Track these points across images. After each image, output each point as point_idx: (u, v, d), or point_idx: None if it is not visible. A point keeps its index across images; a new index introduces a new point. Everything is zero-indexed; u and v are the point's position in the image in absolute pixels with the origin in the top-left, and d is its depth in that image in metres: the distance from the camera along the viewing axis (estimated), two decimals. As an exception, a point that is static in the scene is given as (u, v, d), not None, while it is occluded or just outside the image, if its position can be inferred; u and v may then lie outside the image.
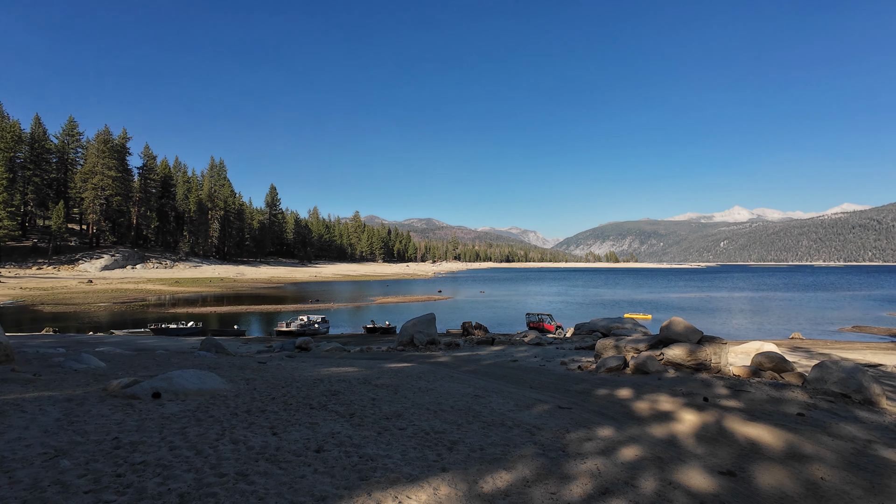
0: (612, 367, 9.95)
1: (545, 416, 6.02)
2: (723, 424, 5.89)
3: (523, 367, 11.28)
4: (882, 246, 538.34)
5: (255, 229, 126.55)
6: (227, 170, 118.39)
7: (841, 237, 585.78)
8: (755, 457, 4.90)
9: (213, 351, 14.26)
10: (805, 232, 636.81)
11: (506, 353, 15.39)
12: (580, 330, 25.53)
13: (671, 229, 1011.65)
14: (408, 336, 18.41)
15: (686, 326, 10.53)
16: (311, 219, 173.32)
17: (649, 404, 6.89)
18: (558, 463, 4.29)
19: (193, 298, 54.45)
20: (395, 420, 5.41)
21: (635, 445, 4.96)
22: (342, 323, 38.01)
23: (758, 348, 16.49)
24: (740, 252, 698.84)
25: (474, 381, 8.64)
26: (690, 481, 4.12)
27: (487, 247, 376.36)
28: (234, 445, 4.14)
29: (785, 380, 9.43)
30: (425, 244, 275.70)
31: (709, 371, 9.57)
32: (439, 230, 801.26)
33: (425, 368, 9.97)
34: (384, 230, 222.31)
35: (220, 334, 28.97)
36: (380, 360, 12.25)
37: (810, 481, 4.33)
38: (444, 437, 4.88)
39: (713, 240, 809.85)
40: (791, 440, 5.36)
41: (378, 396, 6.62)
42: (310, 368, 9.35)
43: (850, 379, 7.87)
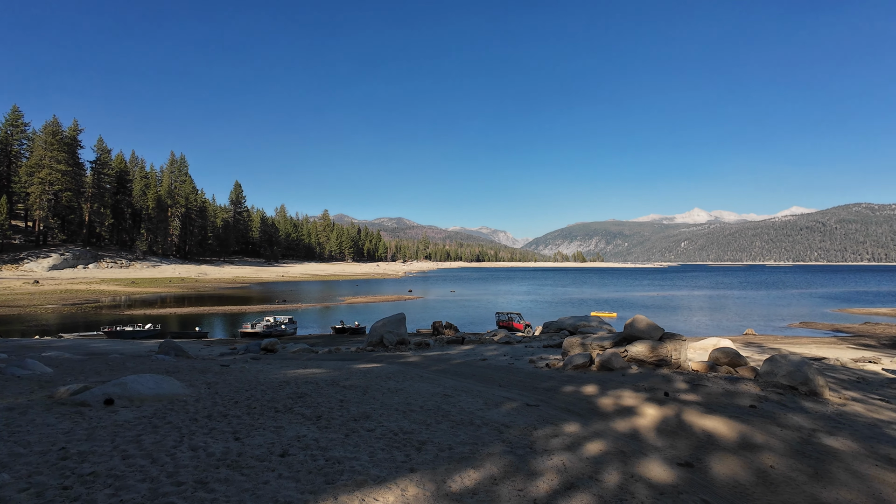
0: (579, 364, 10.18)
1: (513, 413, 6.09)
2: (682, 418, 6.12)
3: (493, 366, 11.39)
4: (826, 247, 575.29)
5: (219, 228, 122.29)
6: (188, 165, 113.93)
7: (790, 238, 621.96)
8: (711, 448, 5.13)
9: (172, 354, 13.67)
10: (758, 233, 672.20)
11: (475, 352, 15.49)
12: (548, 328, 26.01)
13: (635, 230, 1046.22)
14: (377, 336, 18.24)
15: (648, 324, 10.89)
16: (279, 217, 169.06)
17: (613, 400, 7.09)
18: (525, 460, 4.34)
19: (152, 299, 52.09)
20: (363, 421, 5.34)
21: (600, 440, 5.09)
22: (310, 324, 37.28)
23: (714, 344, 17.25)
24: (699, 252, 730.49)
25: (444, 380, 8.65)
26: (651, 473, 4.27)
27: (458, 246, 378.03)
28: (193, 452, 3.97)
29: (739, 374, 9.91)
30: (396, 244, 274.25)
31: (669, 367, 9.94)
32: (410, 230, 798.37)
33: (395, 369, 9.91)
34: (354, 229, 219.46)
35: (181, 337, 27.83)
36: (348, 361, 12.08)
37: (761, 469, 4.57)
38: (412, 437, 4.85)
39: (674, 240, 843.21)
40: (744, 431, 5.64)
41: (346, 398, 6.52)
42: (275, 371, 9.11)
43: (797, 372, 8.36)
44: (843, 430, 5.95)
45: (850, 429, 6.08)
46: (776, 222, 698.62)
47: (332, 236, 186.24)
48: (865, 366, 16.96)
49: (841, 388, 9.76)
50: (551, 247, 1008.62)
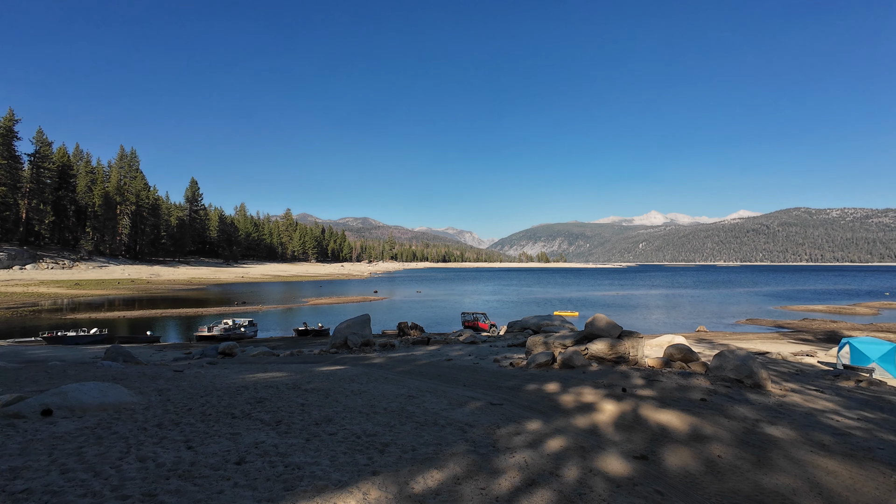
0: (542, 362, 10.38)
1: (477, 413, 6.14)
2: (638, 412, 6.36)
3: (457, 366, 11.43)
4: (770, 248, 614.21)
5: (174, 226, 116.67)
6: (139, 161, 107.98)
7: (738, 240, 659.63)
8: (665, 440, 5.35)
9: (119, 360, 12.91)
10: (710, 235, 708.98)
11: (441, 353, 15.50)
12: (513, 328, 26.39)
13: (596, 231, 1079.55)
14: (341, 338, 17.94)
15: (608, 322, 11.26)
16: (238, 216, 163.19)
17: (574, 397, 7.28)
18: (488, 458, 4.38)
19: (98, 302, 49.03)
20: (325, 425, 5.23)
21: (561, 437, 5.21)
22: (272, 326, 36.19)
23: (669, 341, 18.04)
24: (656, 253, 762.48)
25: (409, 381, 8.60)
26: (608, 467, 4.41)
27: (424, 247, 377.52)
28: (141, 463, 3.76)
29: (691, 369, 10.40)
30: (361, 244, 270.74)
31: (627, 363, 10.31)
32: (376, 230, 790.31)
33: (359, 371, 9.77)
34: (318, 229, 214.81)
35: (130, 341, 26.34)
36: (311, 364, 11.81)
37: (709, 459, 4.81)
38: (376, 439, 4.80)
39: (633, 241, 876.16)
40: (695, 423, 5.92)
41: (308, 402, 6.37)
42: (233, 375, 8.78)
43: (743, 366, 8.87)
44: (783, 420, 6.36)
45: (789, 418, 6.51)
46: (725, 225, 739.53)
47: (295, 236, 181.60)
48: (803, 359, 18.22)
49: (782, 380, 10.44)
50: (516, 247, 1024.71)
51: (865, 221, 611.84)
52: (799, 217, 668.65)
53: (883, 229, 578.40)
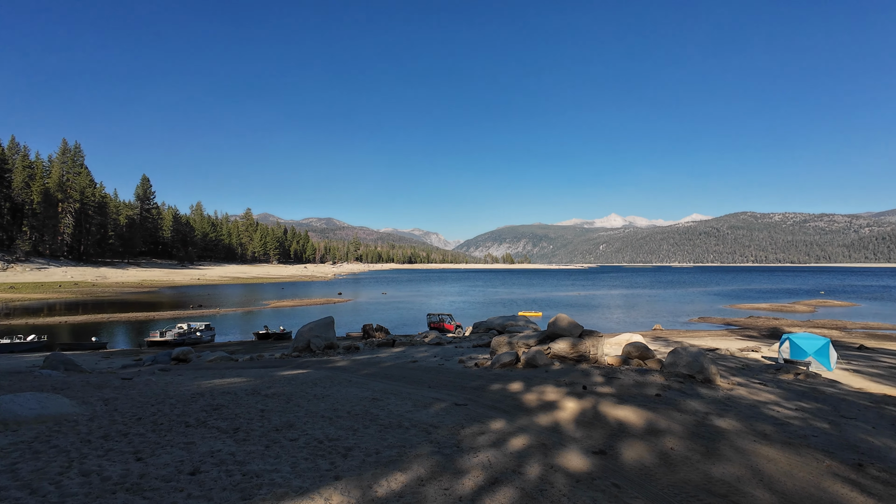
0: (506, 362, 10.53)
1: (442, 414, 6.15)
2: (598, 409, 6.57)
3: (423, 368, 11.41)
4: (720, 250, 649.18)
5: (123, 226, 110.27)
6: (84, 156, 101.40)
7: (691, 242, 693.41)
8: (622, 435, 5.55)
9: (61, 369, 12.08)
10: (665, 237, 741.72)
11: (406, 354, 15.44)
12: (478, 328, 26.62)
13: (559, 233, 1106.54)
14: (304, 341, 17.52)
15: (569, 322, 11.56)
16: (194, 215, 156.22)
17: (537, 395, 7.42)
18: (452, 459, 4.40)
19: (36, 307, 45.64)
20: (286, 431, 5.10)
21: (523, 435, 5.30)
22: (230, 330, 34.85)
23: (627, 339, 18.71)
24: (616, 254, 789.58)
25: (373, 384, 8.51)
26: (569, 463, 4.53)
27: (390, 248, 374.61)
28: (84, 478, 3.54)
29: (648, 366, 10.85)
30: (325, 245, 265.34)
31: (588, 362, 10.63)
32: (340, 230, 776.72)
33: (322, 374, 9.58)
34: (280, 229, 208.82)
35: (73, 349, 24.66)
36: (272, 368, 11.46)
37: (663, 452, 5.03)
38: (338, 444, 4.72)
39: (594, 243, 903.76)
40: (650, 418, 6.18)
41: (268, 407, 6.18)
42: (188, 382, 8.40)
43: (695, 362, 9.33)
44: (730, 412, 6.74)
45: (736, 410, 6.90)
46: (680, 228, 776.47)
47: (256, 236, 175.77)
48: (749, 354, 19.36)
49: (730, 374, 11.06)
50: (482, 249, 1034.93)
51: (804, 225, 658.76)
52: (746, 220, 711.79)
53: (819, 233, 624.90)
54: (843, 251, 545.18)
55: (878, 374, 15.88)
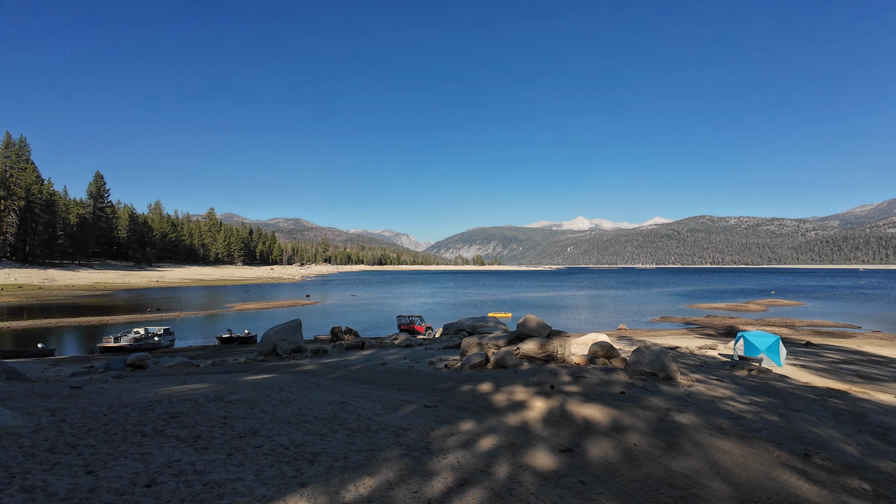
0: (476, 363, 10.59)
1: (411, 416, 6.11)
2: (565, 408, 6.70)
3: (392, 370, 11.32)
4: (681, 252, 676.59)
5: (74, 225, 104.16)
6: (30, 150, 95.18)
7: (654, 245, 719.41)
8: (589, 433, 5.68)
9: (2, 378, 11.25)
10: (630, 240, 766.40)
11: (376, 357, 15.28)
12: (448, 330, 26.67)
13: (529, 235, 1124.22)
14: (270, 345, 17.04)
15: (538, 323, 11.75)
16: (153, 215, 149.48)
17: (506, 396, 7.50)
18: (422, 461, 4.38)
19: (-24, 312, 42.44)
20: (249, 438, 4.93)
21: (493, 435, 5.34)
22: (191, 334, 33.51)
23: (594, 339, 19.18)
24: (582, 256, 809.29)
25: (342, 387, 8.37)
26: (537, 462, 4.59)
27: (360, 249, 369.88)
28: (27, 494, 3.30)
29: (613, 364, 11.15)
30: (292, 246, 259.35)
31: (556, 361, 10.83)
32: (308, 231, 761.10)
33: (288, 378, 9.34)
34: (245, 230, 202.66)
35: (16, 356, 23.07)
36: (236, 373, 11.09)
37: (627, 448, 5.18)
38: (305, 449, 4.61)
39: (562, 245, 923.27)
40: (615, 415, 6.35)
41: (231, 414, 5.97)
42: (144, 389, 8.01)
43: (657, 360, 9.67)
44: (689, 408, 7.01)
45: (695, 406, 7.19)
46: (643, 230, 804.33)
47: (219, 237, 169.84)
48: (707, 352, 20.23)
49: (689, 371, 11.52)
50: (452, 250, 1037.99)
51: (756, 229, 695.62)
52: (704, 224, 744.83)
53: (770, 236, 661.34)
54: (791, 253, 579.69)
55: (822, 368, 16.92)
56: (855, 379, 14.71)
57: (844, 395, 9.15)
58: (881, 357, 20.60)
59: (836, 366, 17.69)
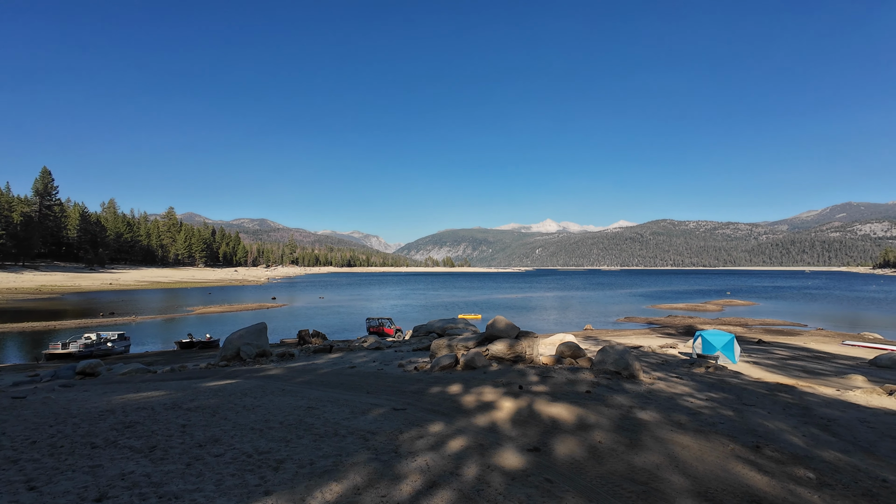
0: (445, 365, 10.60)
1: (380, 419, 6.05)
2: (533, 407, 6.79)
3: (361, 373, 11.18)
4: (643, 254, 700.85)
5: (17, 224, 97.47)
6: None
7: (618, 247, 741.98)
8: (555, 432, 5.78)
9: (-66, 388, 10.39)
10: (596, 242, 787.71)
11: (344, 360, 15.05)
12: (418, 332, 26.59)
13: (498, 237, 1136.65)
14: (233, 349, 16.50)
15: (507, 324, 11.88)
16: (107, 214, 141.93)
17: (475, 397, 7.54)
18: (390, 465, 4.34)
19: None
20: (210, 446, 4.75)
21: (462, 437, 5.35)
22: (149, 339, 31.97)
23: (561, 339, 19.55)
24: (551, 258, 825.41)
25: (308, 392, 8.19)
26: (505, 462, 4.63)
27: (328, 251, 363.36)
28: (-41, 515, 3.06)
29: (579, 364, 11.40)
30: (258, 247, 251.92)
31: (524, 362, 10.97)
32: (274, 232, 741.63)
33: (253, 384, 9.06)
34: (207, 230, 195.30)
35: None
36: (196, 380, 10.66)
37: (592, 445, 5.30)
38: (269, 456, 4.48)
39: (531, 247, 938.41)
40: (580, 414, 6.50)
41: (191, 422, 5.73)
42: (95, 398, 7.58)
43: (621, 359, 9.96)
44: (651, 405, 7.26)
45: (656, 403, 7.45)
46: (608, 233, 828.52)
47: (180, 238, 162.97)
48: (668, 350, 21.00)
49: (651, 369, 11.93)
50: (422, 252, 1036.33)
51: (714, 232, 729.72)
52: (665, 227, 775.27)
53: (726, 239, 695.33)
54: (745, 256, 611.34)
55: (772, 364, 17.87)
56: (801, 374, 15.63)
57: (792, 390, 9.70)
58: (824, 353, 21.99)
59: (784, 362, 18.74)
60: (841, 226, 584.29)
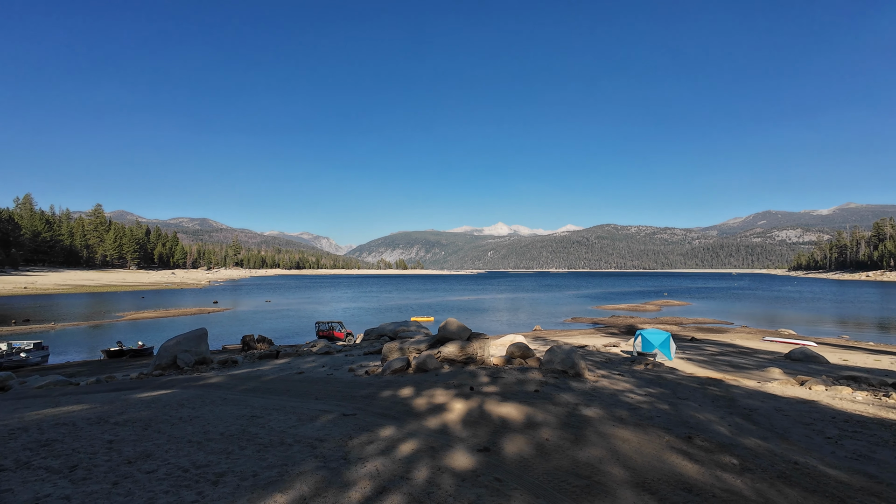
0: (397, 368, 10.51)
1: (329, 426, 5.90)
2: (483, 408, 6.89)
3: (310, 379, 10.85)
4: (589, 257, 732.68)
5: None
6: None
7: (566, 250, 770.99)
8: (505, 431, 5.90)
9: None
10: (545, 245, 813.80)
11: (291, 366, 14.54)
12: (369, 335, 26.21)
13: (451, 240, 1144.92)
14: (169, 357, 15.46)
15: (459, 326, 11.98)
16: (22, 210, 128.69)
17: (427, 399, 7.53)
18: (339, 472, 4.24)
19: None
20: (141, 462, 4.42)
21: (413, 440, 5.32)
22: (71, 348, 29.23)
23: (511, 340, 19.96)
24: (502, 261, 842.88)
25: (253, 400, 7.84)
26: (455, 463, 4.66)
27: (276, 252, 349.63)
28: None
29: (528, 364, 11.71)
30: (198, 248, 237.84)
31: (475, 363, 11.11)
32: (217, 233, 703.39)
33: (191, 393, 8.54)
34: (141, 230, 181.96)
35: None
36: (126, 391, 9.88)
37: (539, 443, 5.46)
38: (208, 470, 4.24)
39: (483, 250, 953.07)
40: (529, 413, 6.67)
41: (119, 437, 5.30)
42: (5, 415, 6.83)
43: (568, 359, 10.33)
44: (595, 402, 7.58)
45: (600, 399, 7.79)
46: (556, 237, 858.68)
47: (109, 237, 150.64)
48: (611, 349, 22.03)
49: (596, 368, 12.47)
50: (375, 254, 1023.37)
51: (653, 237, 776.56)
52: (609, 231, 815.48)
53: (664, 244, 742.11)
54: (681, 259, 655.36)
55: (703, 360, 19.24)
56: (728, 368, 16.95)
57: (720, 383, 10.50)
58: (747, 348, 23.98)
59: (714, 357, 20.24)
60: (762, 232, 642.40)
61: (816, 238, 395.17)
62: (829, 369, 16.53)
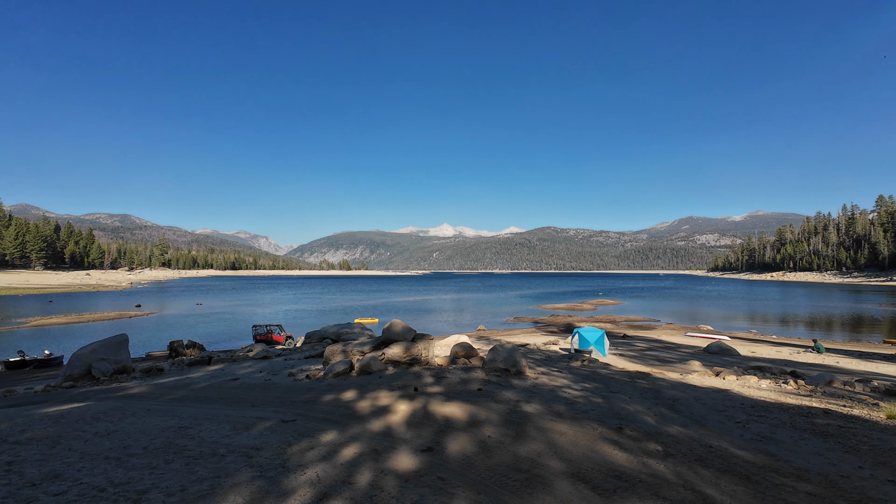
0: (340, 371, 10.28)
1: (266, 433, 5.64)
2: (427, 408, 6.91)
3: (246, 385, 10.32)
4: (531, 258, 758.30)
5: None
6: None
7: (509, 252, 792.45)
8: (449, 430, 5.95)
9: None
10: (489, 247, 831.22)
11: (226, 372, 13.75)
12: (311, 338, 25.41)
13: (396, 240, 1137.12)
14: (82, 366, 14.05)
15: (403, 327, 11.93)
16: None
17: (371, 402, 7.43)
18: (276, 481, 4.08)
19: None
20: (48, 484, 3.98)
21: (355, 444, 5.23)
22: (-40, 359, 25.63)
23: (455, 340, 20.19)
24: (447, 261, 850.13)
25: (181, 410, 7.31)
26: (399, 464, 4.64)
27: (209, 252, 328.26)
28: None
29: (472, 363, 11.90)
30: (118, 247, 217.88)
31: (420, 364, 11.11)
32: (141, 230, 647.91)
33: (108, 406, 7.80)
34: (49, 226, 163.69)
35: None
36: (30, 406, 8.84)
37: (482, 441, 5.57)
38: (128, 488, 3.90)
39: (428, 251, 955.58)
40: (472, 411, 6.78)
41: (20, 457, 4.74)
42: None
43: (510, 357, 10.62)
44: (535, 398, 7.86)
45: (539, 396, 8.09)
46: (500, 238, 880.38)
47: (9, 234, 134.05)
48: (551, 347, 22.92)
49: (536, 365, 12.91)
50: (317, 254, 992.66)
51: (590, 239, 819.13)
52: (550, 234, 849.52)
53: (599, 246, 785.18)
54: (615, 261, 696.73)
55: (634, 356, 20.56)
56: (655, 362, 18.24)
57: (648, 377, 11.27)
58: (672, 343, 25.95)
59: (643, 352, 21.68)
60: (685, 236, 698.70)
61: (731, 242, 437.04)
62: (740, 360, 18.30)
